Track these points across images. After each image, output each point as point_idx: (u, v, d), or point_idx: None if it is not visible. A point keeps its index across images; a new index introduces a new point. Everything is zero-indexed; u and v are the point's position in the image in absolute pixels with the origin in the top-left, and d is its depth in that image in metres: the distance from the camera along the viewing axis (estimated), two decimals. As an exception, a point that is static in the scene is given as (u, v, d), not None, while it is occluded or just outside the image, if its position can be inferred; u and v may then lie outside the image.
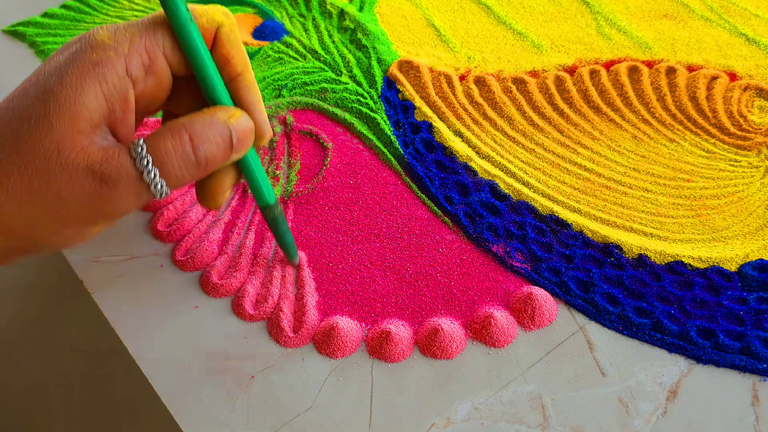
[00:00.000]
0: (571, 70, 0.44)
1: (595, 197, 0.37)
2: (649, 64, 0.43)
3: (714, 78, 0.42)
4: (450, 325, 0.31)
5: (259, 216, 0.36)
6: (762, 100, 0.41)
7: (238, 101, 0.27)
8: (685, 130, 0.40)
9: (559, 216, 0.36)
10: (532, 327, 0.32)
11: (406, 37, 0.47)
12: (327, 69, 0.44)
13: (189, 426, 0.29)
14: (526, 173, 0.38)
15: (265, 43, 0.47)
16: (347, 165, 0.39)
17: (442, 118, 0.41)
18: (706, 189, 0.37)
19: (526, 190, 0.37)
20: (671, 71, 0.43)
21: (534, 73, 0.44)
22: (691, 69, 0.43)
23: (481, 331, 0.31)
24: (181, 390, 0.30)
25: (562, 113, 0.41)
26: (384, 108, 0.42)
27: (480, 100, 0.42)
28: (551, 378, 0.30)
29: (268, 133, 0.27)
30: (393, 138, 0.40)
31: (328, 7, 0.49)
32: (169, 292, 0.33)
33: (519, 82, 0.43)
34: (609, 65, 0.44)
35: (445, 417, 0.29)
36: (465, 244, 0.35)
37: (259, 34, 0.49)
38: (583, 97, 0.42)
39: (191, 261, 0.34)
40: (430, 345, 0.31)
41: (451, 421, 0.29)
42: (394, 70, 0.44)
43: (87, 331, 0.37)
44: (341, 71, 0.44)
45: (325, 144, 0.40)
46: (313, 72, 0.44)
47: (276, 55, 0.46)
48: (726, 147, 0.39)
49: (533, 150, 0.39)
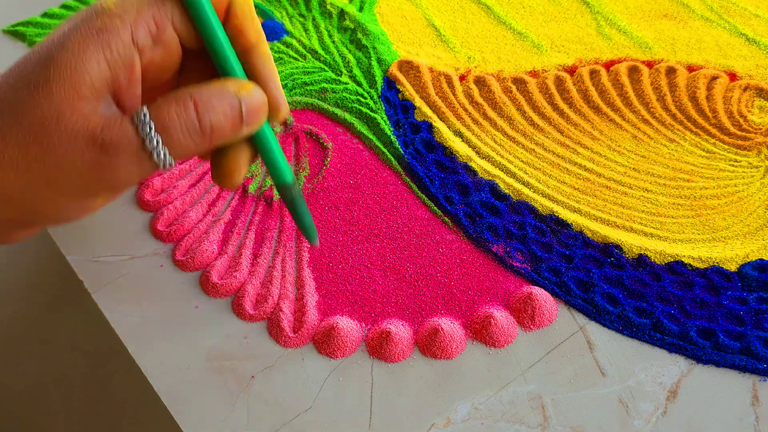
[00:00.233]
0: (571, 70, 0.44)
1: (595, 197, 0.37)
2: (649, 64, 0.43)
3: (714, 78, 0.42)
4: (450, 325, 0.31)
5: (259, 216, 0.36)
6: (762, 100, 0.41)
7: (252, 74, 0.26)
8: (685, 130, 0.40)
9: (559, 216, 0.36)
10: (532, 327, 0.32)
11: (406, 37, 0.47)
12: (327, 69, 0.44)
13: (189, 426, 0.29)
14: (526, 173, 0.38)
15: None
16: (347, 165, 0.39)
17: (442, 118, 0.41)
18: (706, 189, 0.37)
19: (526, 190, 0.37)
20: (671, 71, 0.43)
21: (534, 73, 0.44)
22: (691, 69, 0.43)
23: (481, 331, 0.31)
24: (181, 390, 0.30)
25: (562, 113, 0.41)
26: (384, 108, 0.42)
27: (480, 100, 0.42)
28: (551, 378, 0.30)
29: (284, 107, 0.26)
30: (393, 138, 0.40)
31: (328, 7, 0.49)
32: (169, 292, 0.33)
33: (519, 82, 0.43)
34: (609, 65, 0.44)
35: (445, 417, 0.29)
36: (465, 244, 0.35)
37: (259, 34, 0.49)
38: (583, 97, 0.42)
39: (191, 261, 0.34)
40: (430, 345, 0.31)
41: (451, 421, 0.29)
42: (394, 70, 0.44)
43: (87, 331, 0.37)
44: (341, 71, 0.44)
45: (325, 144, 0.40)
46: (313, 72, 0.44)
47: (276, 55, 0.46)
48: (726, 147, 0.39)
49: (533, 150, 0.39)
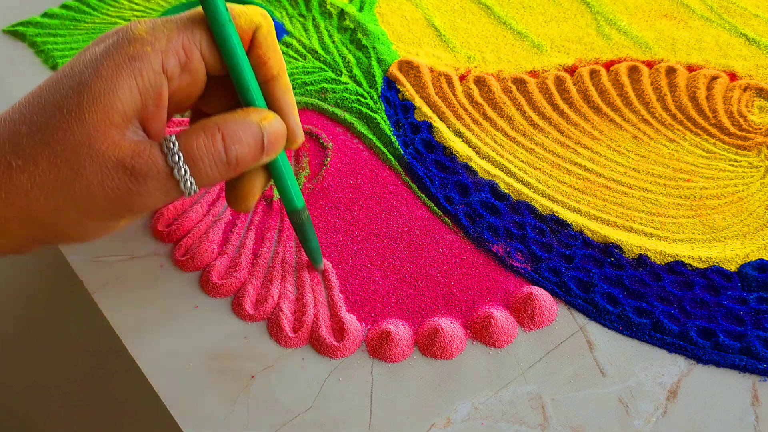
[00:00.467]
0: (571, 70, 0.44)
1: (595, 197, 0.37)
2: (649, 64, 0.43)
3: (714, 78, 0.42)
4: (450, 325, 0.31)
5: (259, 216, 0.36)
6: (762, 100, 0.41)
7: (272, 104, 0.27)
8: (685, 130, 0.40)
9: (559, 216, 0.36)
10: (532, 327, 0.32)
11: (406, 37, 0.47)
12: (327, 69, 0.44)
13: (189, 426, 0.29)
14: (526, 173, 0.38)
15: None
16: (347, 165, 0.39)
17: (442, 118, 0.41)
18: (706, 189, 0.37)
19: (526, 190, 0.37)
20: (671, 71, 0.43)
21: (534, 73, 0.44)
22: (691, 69, 0.43)
23: (481, 331, 0.31)
24: (181, 390, 0.30)
25: (562, 113, 0.41)
26: (384, 108, 0.42)
27: (480, 100, 0.42)
28: (551, 378, 0.30)
29: (300, 137, 0.28)
30: (393, 138, 0.40)
31: (328, 7, 0.49)
32: (169, 292, 0.33)
33: (519, 82, 0.43)
34: (609, 65, 0.44)
35: (445, 417, 0.29)
36: (465, 244, 0.35)
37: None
38: (583, 97, 0.42)
39: (191, 261, 0.34)
40: (430, 345, 0.31)
41: (451, 421, 0.29)
42: (394, 70, 0.44)
43: (87, 331, 0.37)
44: (341, 71, 0.44)
45: (325, 144, 0.40)
46: (313, 72, 0.44)
47: (276, 55, 0.46)
48: (726, 147, 0.39)
49: (533, 150, 0.39)
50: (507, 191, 0.37)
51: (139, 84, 0.23)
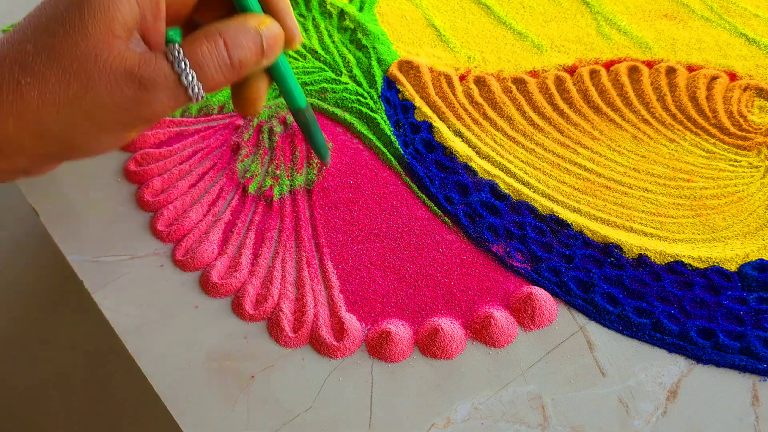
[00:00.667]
0: (571, 70, 0.44)
1: (595, 197, 0.37)
2: (649, 64, 0.43)
3: (714, 78, 0.42)
4: (450, 325, 0.31)
5: (259, 216, 0.36)
6: (762, 100, 0.41)
7: (268, 8, 0.27)
8: (685, 130, 0.40)
9: (559, 216, 0.36)
10: (532, 327, 0.32)
11: (406, 37, 0.47)
12: (327, 69, 0.44)
13: (189, 426, 0.29)
14: (526, 173, 0.38)
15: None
16: (347, 165, 0.39)
17: (442, 118, 0.41)
18: (706, 189, 0.37)
19: (526, 190, 0.37)
20: (671, 71, 0.43)
21: (534, 73, 0.44)
22: (691, 69, 0.43)
23: (481, 331, 0.31)
24: (181, 390, 0.30)
25: (562, 113, 0.41)
26: (384, 108, 0.42)
27: (480, 100, 0.42)
28: (551, 378, 0.30)
29: (298, 37, 0.28)
30: (393, 138, 0.40)
31: (328, 7, 0.49)
32: (169, 292, 0.33)
33: (519, 82, 0.43)
34: (609, 65, 0.44)
35: (445, 417, 0.29)
36: (465, 244, 0.35)
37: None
38: (583, 97, 0.42)
39: (191, 261, 0.34)
40: (430, 345, 0.31)
41: (451, 421, 0.29)
42: (394, 70, 0.44)
43: (87, 331, 0.37)
44: (341, 71, 0.44)
45: (325, 144, 0.40)
46: (313, 72, 0.44)
47: (276, 55, 0.46)
48: (726, 147, 0.39)
49: (533, 150, 0.39)
50: (507, 191, 0.37)
51: None
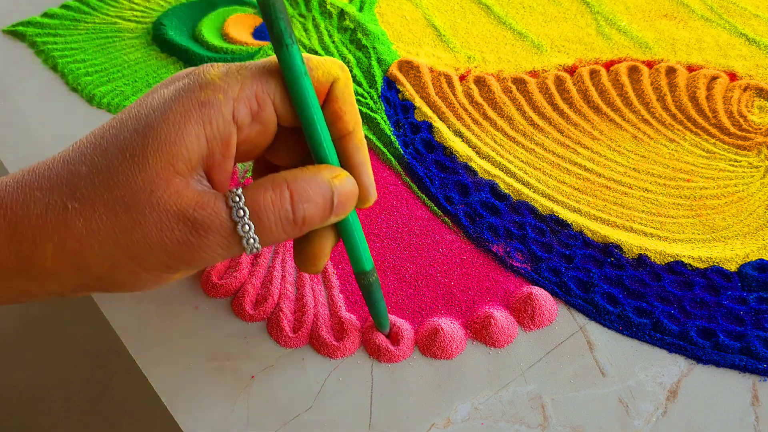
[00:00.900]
0: (571, 70, 0.44)
1: (595, 197, 0.37)
2: (649, 64, 0.43)
3: (714, 78, 0.42)
4: (450, 325, 0.31)
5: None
6: (762, 100, 0.41)
7: (345, 160, 0.25)
8: (685, 130, 0.40)
9: (559, 216, 0.36)
10: (532, 327, 0.32)
11: (406, 37, 0.47)
12: (327, 69, 0.44)
13: (189, 426, 0.29)
14: (526, 173, 0.38)
15: (265, 43, 0.47)
16: (347, 165, 0.39)
17: (442, 118, 0.41)
18: (706, 189, 0.37)
19: (526, 190, 0.37)
20: (671, 71, 0.43)
21: (534, 73, 0.44)
22: (691, 69, 0.43)
23: (481, 331, 0.31)
24: (181, 390, 0.30)
25: (562, 113, 0.41)
26: (384, 108, 0.42)
27: (480, 100, 0.42)
28: (551, 378, 0.30)
29: (373, 196, 0.26)
30: (393, 138, 0.40)
31: (328, 7, 0.49)
32: (169, 292, 0.33)
33: (519, 82, 0.43)
34: (609, 65, 0.44)
35: (445, 417, 0.29)
36: (465, 244, 0.35)
37: (259, 34, 0.49)
38: (583, 97, 0.42)
39: (191, 261, 0.34)
40: (430, 345, 0.31)
41: (451, 421, 0.29)
42: (394, 70, 0.44)
43: (87, 331, 0.37)
44: (341, 71, 0.44)
45: (325, 144, 0.40)
46: (313, 72, 0.44)
47: (276, 55, 0.46)
48: (726, 147, 0.39)
49: (533, 150, 0.39)
50: (507, 191, 0.37)
51: (207, 132, 0.22)
